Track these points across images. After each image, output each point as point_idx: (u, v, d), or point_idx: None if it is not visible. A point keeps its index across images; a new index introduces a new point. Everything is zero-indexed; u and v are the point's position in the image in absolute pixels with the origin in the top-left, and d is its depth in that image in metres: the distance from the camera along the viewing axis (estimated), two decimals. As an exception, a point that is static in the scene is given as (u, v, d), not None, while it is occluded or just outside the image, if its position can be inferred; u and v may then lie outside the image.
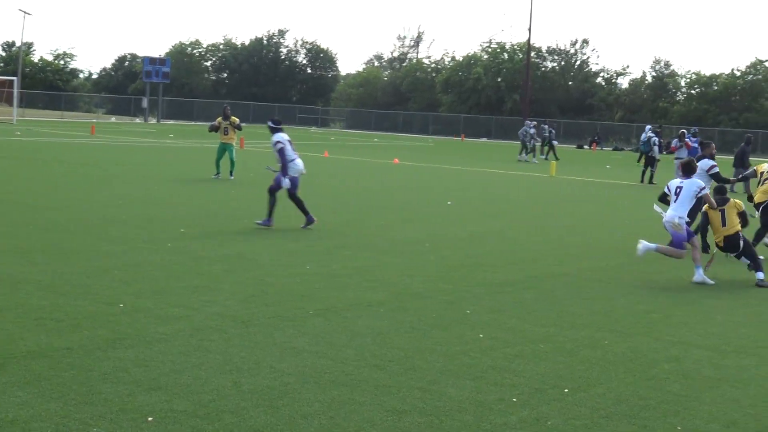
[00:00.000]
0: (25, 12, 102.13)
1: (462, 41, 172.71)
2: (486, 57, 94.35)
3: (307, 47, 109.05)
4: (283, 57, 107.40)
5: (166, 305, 8.93)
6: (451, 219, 17.81)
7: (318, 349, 7.63)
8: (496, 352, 7.85)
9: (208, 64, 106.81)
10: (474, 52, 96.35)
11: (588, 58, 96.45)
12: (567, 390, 6.86)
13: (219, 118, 24.57)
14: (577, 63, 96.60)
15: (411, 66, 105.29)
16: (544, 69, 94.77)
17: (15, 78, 66.35)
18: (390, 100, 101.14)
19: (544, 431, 5.98)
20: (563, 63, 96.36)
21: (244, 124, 28.17)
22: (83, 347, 7.29)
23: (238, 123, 24.51)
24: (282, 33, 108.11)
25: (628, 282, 11.77)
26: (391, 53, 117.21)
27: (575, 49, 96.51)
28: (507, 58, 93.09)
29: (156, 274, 10.53)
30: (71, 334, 7.67)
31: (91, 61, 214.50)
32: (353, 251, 13.06)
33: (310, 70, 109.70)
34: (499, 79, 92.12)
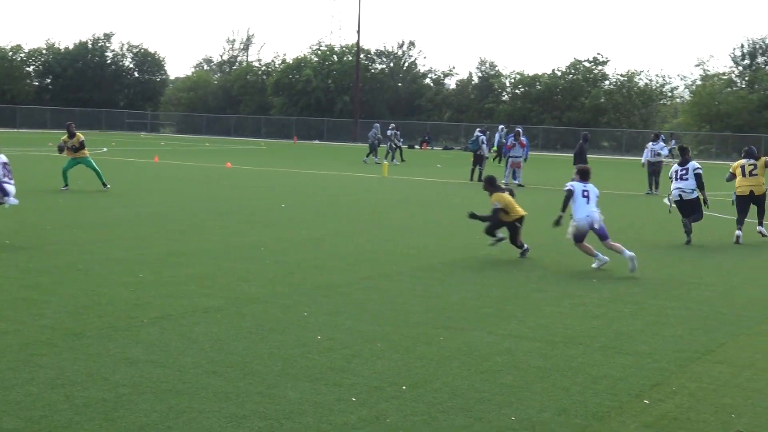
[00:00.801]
0: None
1: (292, 44, 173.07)
2: (316, 59, 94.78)
3: (134, 51, 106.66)
4: (109, 61, 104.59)
5: (-10, 320, 8.56)
6: (287, 222, 17.78)
7: (154, 358, 7.49)
8: (334, 353, 7.90)
9: (30, 69, 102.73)
10: (304, 54, 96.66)
11: (415, 59, 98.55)
12: (405, 387, 6.97)
13: (64, 136, 23.55)
14: (406, 64, 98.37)
15: (241, 69, 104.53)
16: (373, 71, 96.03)
17: None
18: (221, 103, 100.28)
19: (383, 429, 6.07)
20: (392, 65, 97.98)
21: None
22: None
23: (82, 140, 23.50)
24: (108, 37, 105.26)
25: (460, 279, 12.06)
26: (221, 56, 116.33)
27: (403, 51, 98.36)
28: (336, 60, 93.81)
29: (-21, 288, 10.09)
30: None
31: None
32: (187, 258, 12.87)
33: (137, 74, 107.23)
34: (330, 81, 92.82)
